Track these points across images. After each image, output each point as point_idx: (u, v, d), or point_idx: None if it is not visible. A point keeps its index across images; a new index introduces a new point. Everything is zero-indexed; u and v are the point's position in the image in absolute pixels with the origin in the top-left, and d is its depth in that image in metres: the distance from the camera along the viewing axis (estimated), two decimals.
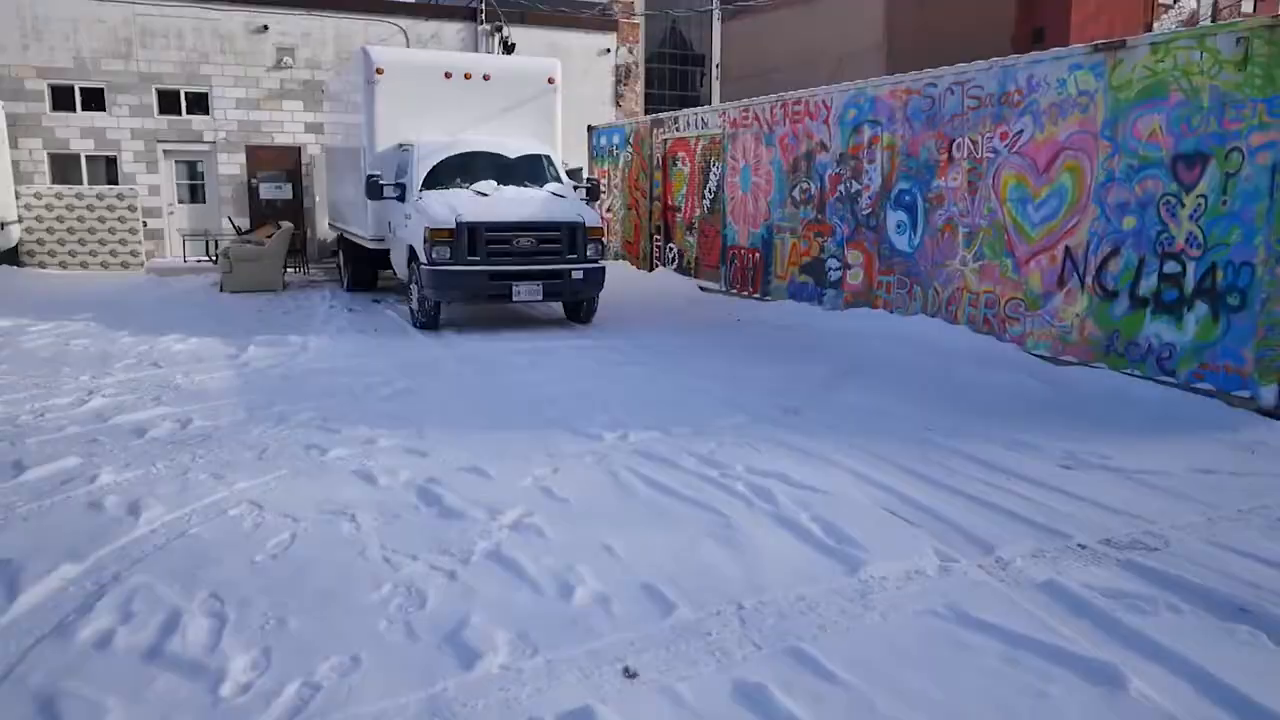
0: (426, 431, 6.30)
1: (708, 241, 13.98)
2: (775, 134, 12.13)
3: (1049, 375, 8.03)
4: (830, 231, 11.26)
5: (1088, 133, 7.98)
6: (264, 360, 8.83)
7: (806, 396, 7.55)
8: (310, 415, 6.68)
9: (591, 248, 10.73)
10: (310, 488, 5.09)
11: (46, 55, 17.91)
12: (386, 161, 12.07)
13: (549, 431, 6.35)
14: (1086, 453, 5.98)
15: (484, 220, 10.22)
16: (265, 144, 19.46)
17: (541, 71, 12.96)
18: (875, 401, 7.36)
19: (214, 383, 7.85)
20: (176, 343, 9.69)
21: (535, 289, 10.40)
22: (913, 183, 9.97)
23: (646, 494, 5.08)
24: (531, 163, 11.79)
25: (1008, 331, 8.89)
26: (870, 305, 10.64)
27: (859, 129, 10.71)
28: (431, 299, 10.42)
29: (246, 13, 19.04)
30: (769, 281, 12.46)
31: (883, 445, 6.11)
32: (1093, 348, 8.05)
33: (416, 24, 20.49)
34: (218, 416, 6.65)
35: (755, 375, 8.34)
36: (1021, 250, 8.69)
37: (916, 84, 9.85)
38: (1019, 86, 8.63)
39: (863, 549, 4.31)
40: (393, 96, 12.11)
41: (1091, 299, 8.03)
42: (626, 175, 16.28)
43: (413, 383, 7.90)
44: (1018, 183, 8.69)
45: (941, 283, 9.65)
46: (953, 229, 9.46)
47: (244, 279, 14.64)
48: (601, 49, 21.97)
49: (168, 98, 18.77)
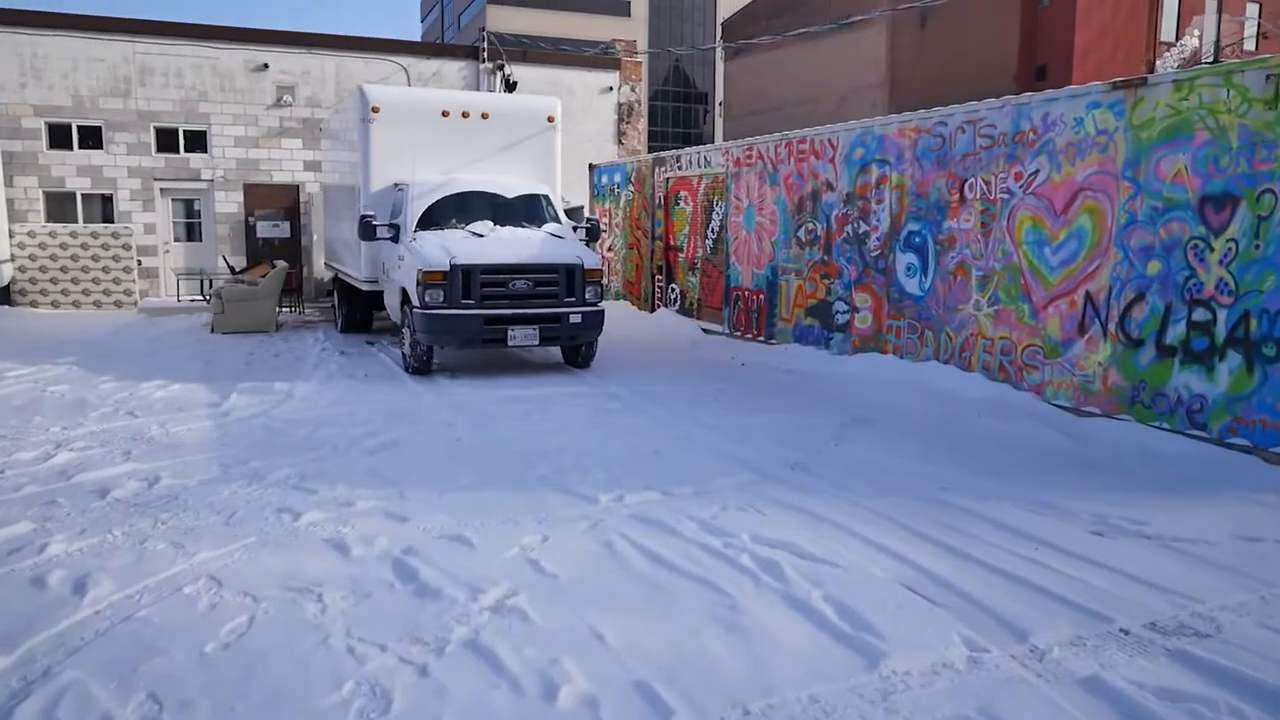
0: (409, 491, 5.88)
1: (710, 282, 13.62)
2: (780, 173, 11.82)
3: (1071, 427, 7.61)
4: (837, 273, 10.89)
5: (1108, 173, 7.62)
6: (246, 409, 8.44)
7: (814, 450, 7.14)
8: (287, 473, 6.28)
9: (590, 290, 10.37)
10: (277, 560, 4.67)
11: (44, 93, 17.76)
12: (381, 201, 11.76)
13: (540, 491, 5.94)
14: (1118, 517, 5.56)
15: (479, 262, 9.88)
16: (263, 182, 19.25)
17: (541, 110, 12.68)
18: (887, 456, 6.95)
19: (190, 434, 7.46)
20: (158, 389, 9.31)
21: (531, 333, 10.03)
22: (923, 224, 9.61)
23: (643, 568, 4.65)
24: (530, 202, 11.48)
25: (1025, 380, 8.47)
26: (879, 350, 10.24)
27: (866, 168, 10.39)
28: (424, 344, 10.04)
29: (247, 51, 18.92)
30: (774, 324, 12.07)
31: (897, 507, 5.69)
32: (1117, 398, 7.63)
33: (418, 62, 20.36)
34: (188, 474, 6.25)
35: (760, 425, 7.94)
36: (1039, 295, 8.30)
37: (926, 122, 9.53)
38: (1033, 125, 8.29)
39: (882, 637, 3.88)
40: (389, 135, 11.83)
41: (1115, 347, 7.63)
42: (628, 214, 15.97)
43: (399, 434, 7.50)
44: (1034, 225, 8.32)
45: (954, 328, 9.26)
46: (965, 272, 9.08)
47: (236, 320, 14.32)
48: (604, 87, 21.82)
49: (166, 136, 18.59)
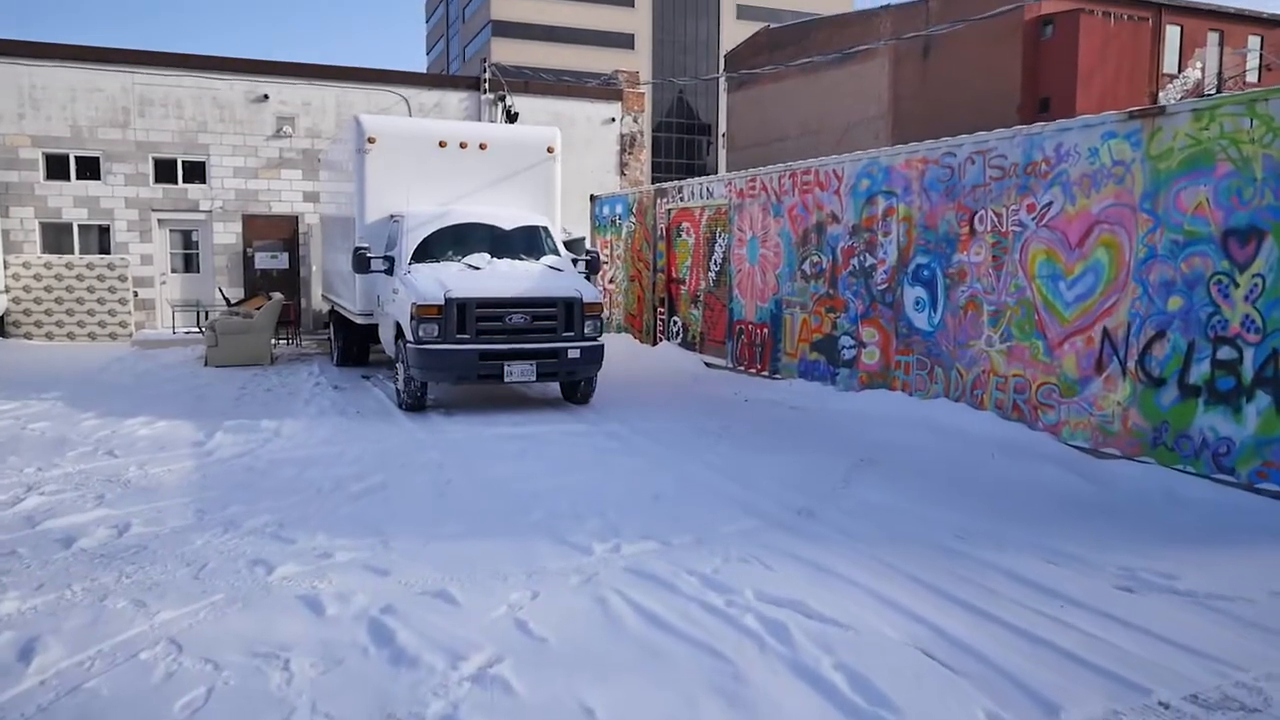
0: (393, 541, 5.56)
1: (713, 315, 13.34)
2: (783, 204, 11.57)
3: (1090, 470, 7.27)
4: (843, 307, 10.60)
5: (1125, 205, 7.35)
6: (231, 448, 8.13)
7: (821, 493, 6.81)
8: (266, 519, 5.96)
9: (589, 324, 10.09)
10: (244, 620, 4.34)
11: (43, 124, 17.65)
12: (376, 233, 11.53)
13: (532, 541, 5.61)
14: (1146, 569, 5.21)
15: (474, 296, 9.60)
16: (262, 213, 19.08)
17: (540, 140, 12.48)
18: (897, 500, 6.61)
19: (169, 476, 7.14)
20: (142, 426, 9.01)
21: (529, 369, 9.73)
22: (931, 257, 9.34)
23: (638, 630, 4.31)
24: (528, 234, 11.23)
25: (1040, 419, 8.15)
26: (888, 386, 9.92)
27: (872, 200, 10.13)
28: (418, 379, 9.74)
29: (247, 82, 18.83)
30: (778, 359, 11.77)
31: (909, 558, 5.35)
32: (1138, 440, 7.30)
33: (419, 93, 20.27)
34: (161, 520, 5.93)
35: (764, 466, 7.61)
36: (1054, 331, 8.00)
37: (934, 153, 9.29)
38: (1046, 156, 8.04)
39: (899, 712, 3.54)
40: (385, 166, 11.61)
41: (1135, 386, 7.31)
42: (629, 246, 15.73)
43: (388, 476, 7.18)
44: (1048, 258, 8.04)
45: (965, 364, 8.94)
46: (976, 307, 8.79)
47: (230, 353, 14.05)
48: (606, 118, 21.71)
49: (164, 166, 18.46)
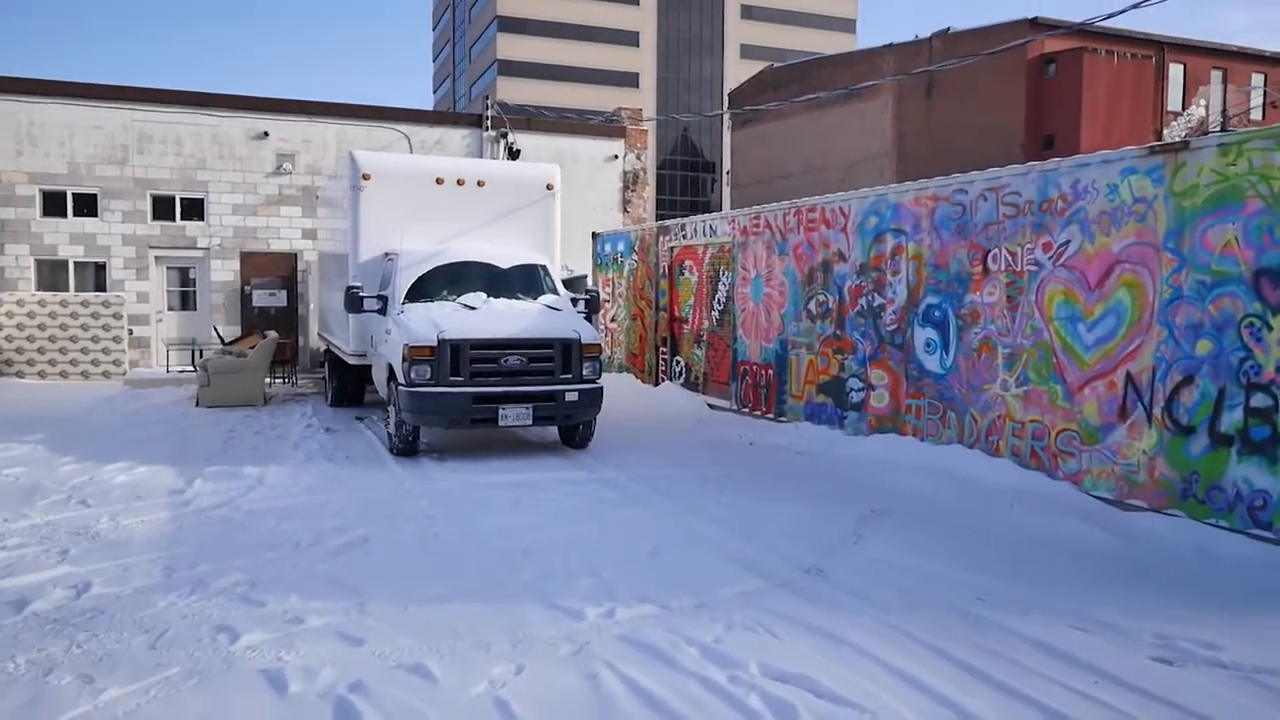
0: (371, 604, 5.16)
1: (717, 355, 12.99)
2: (788, 243, 11.27)
3: (1115, 523, 6.86)
4: (851, 348, 10.24)
5: (1147, 244, 7.01)
6: (210, 497, 7.76)
7: (830, 549, 6.41)
8: (237, 578, 5.57)
9: (588, 366, 9.74)
10: (199, 699, 3.94)
11: (40, 161, 17.51)
12: (371, 271, 11.24)
13: (520, 604, 5.21)
14: (1185, 638, 4.80)
15: (468, 337, 9.26)
16: (260, 250, 18.87)
17: (540, 177, 12.22)
18: (912, 557, 6.21)
19: (142, 529, 6.76)
20: (121, 473, 8.65)
21: (524, 413, 9.37)
22: (943, 297, 9.00)
23: (632, 711, 3.90)
24: (526, 273, 10.93)
25: (1060, 468, 7.74)
26: (898, 431, 9.53)
27: (881, 238, 9.82)
28: (409, 424, 9.38)
29: (248, 119, 18.71)
30: (784, 401, 11.40)
31: (927, 625, 4.94)
32: (1166, 492, 6.89)
33: (420, 130, 20.13)
34: (125, 580, 5.54)
35: (770, 517, 7.22)
36: (1073, 375, 7.62)
37: (944, 190, 8.98)
38: (1062, 193, 7.72)
39: None
40: (380, 203, 11.34)
41: (1161, 434, 6.91)
42: (631, 284, 15.43)
43: (372, 529, 6.79)
44: (1066, 299, 7.69)
45: (980, 409, 8.56)
46: (991, 349, 8.42)
47: (222, 393, 13.74)
48: (609, 155, 21.54)
49: (162, 203, 18.29)
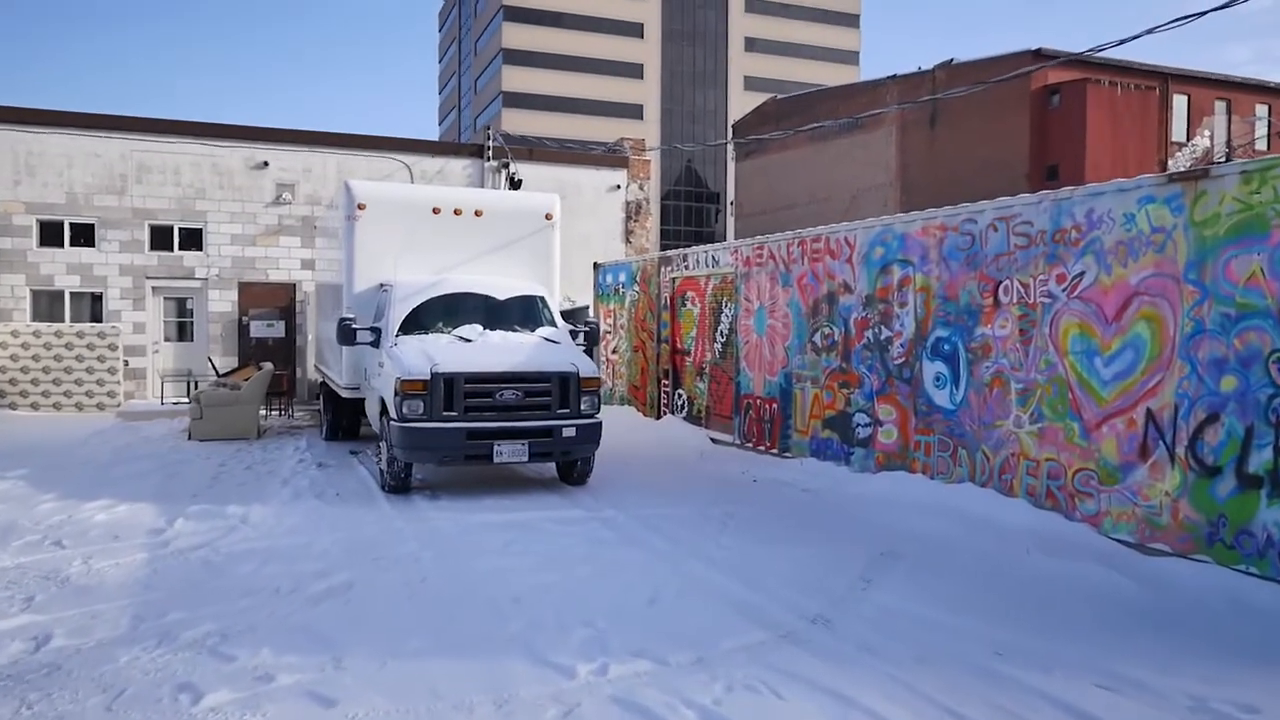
0: (347, 658, 4.84)
1: (719, 389, 12.69)
2: (792, 273, 11.00)
3: (1139, 569, 6.50)
4: (857, 382, 9.94)
5: (1167, 276, 6.72)
6: (190, 538, 7.45)
7: (838, 597, 6.08)
8: (208, 629, 5.25)
9: (586, 400, 9.44)
10: None
11: (38, 191, 17.38)
12: (365, 302, 10.99)
13: (507, 659, 4.88)
14: (1220, 699, 4.46)
15: (463, 371, 8.98)
16: (259, 280, 18.68)
17: (539, 207, 12.00)
18: (924, 606, 5.87)
19: (115, 572, 6.45)
20: (101, 511, 8.35)
21: (520, 449, 9.06)
22: (952, 330, 8.71)
23: None
24: (524, 305, 10.67)
25: (1078, 509, 7.40)
26: (907, 468, 9.20)
27: (887, 269, 9.55)
28: (401, 460, 9.07)
29: (247, 148, 18.60)
30: (788, 436, 11.07)
31: (943, 682, 4.61)
32: (1191, 535, 6.54)
33: (422, 160, 20.01)
34: (90, 630, 5.22)
35: (774, 560, 6.89)
36: (1090, 412, 7.30)
37: (953, 219, 8.73)
38: (1076, 223, 7.45)
39: None
40: (375, 233, 11.12)
41: (1185, 474, 6.58)
42: (633, 315, 15.17)
43: (356, 574, 6.47)
44: (1081, 332, 7.39)
45: (992, 446, 8.24)
46: (1003, 384, 8.12)
47: (215, 426, 13.45)
48: (611, 185, 21.40)
49: (160, 233, 18.14)
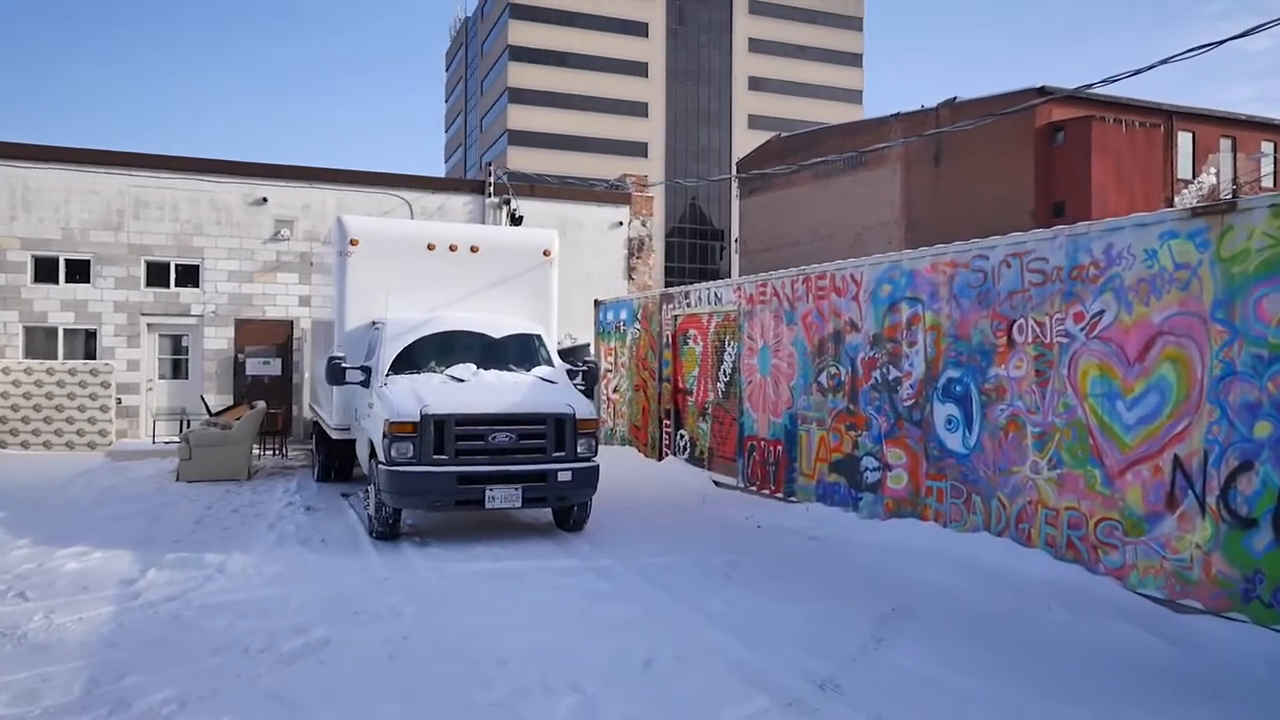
0: None
1: (723, 429, 12.31)
2: (797, 311, 10.68)
3: (1170, 628, 6.07)
4: (865, 424, 9.56)
5: (1193, 314, 6.37)
6: (162, 589, 7.05)
7: (848, 657, 5.65)
8: (166, 695, 4.85)
9: (583, 443, 9.06)
10: None
11: (34, 226, 17.19)
12: (357, 340, 10.67)
13: None
14: None
15: (453, 412, 8.62)
16: (256, 317, 18.41)
17: (537, 243, 11.71)
18: (940, 669, 5.44)
19: (76, 628, 6.06)
20: (74, 558, 7.96)
21: (513, 494, 8.67)
22: (964, 370, 8.35)
23: None
24: (520, 343, 10.34)
25: (1101, 561, 6.98)
26: (918, 515, 8.79)
27: (895, 307, 9.22)
28: (389, 505, 8.68)
29: (246, 184, 18.44)
30: (794, 479, 10.67)
31: None
32: (1225, 592, 6.12)
33: (422, 196, 19.82)
34: (37, 697, 4.82)
35: (779, 617, 6.47)
36: (1113, 458, 6.91)
37: (963, 256, 8.40)
38: (1094, 259, 7.11)
39: None
40: (368, 269, 10.83)
41: (1217, 526, 6.18)
42: (634, 353, 14.84)
43: (333, 630, 6.06)
44: (1101, 374, 7.02)
45: (1008, 493, 7.83)
46: (1019, 428, 7.73)
47: (204, 467, 13.08)
48: (614, 222, 21.18)
49: (157, 269, 17.91)
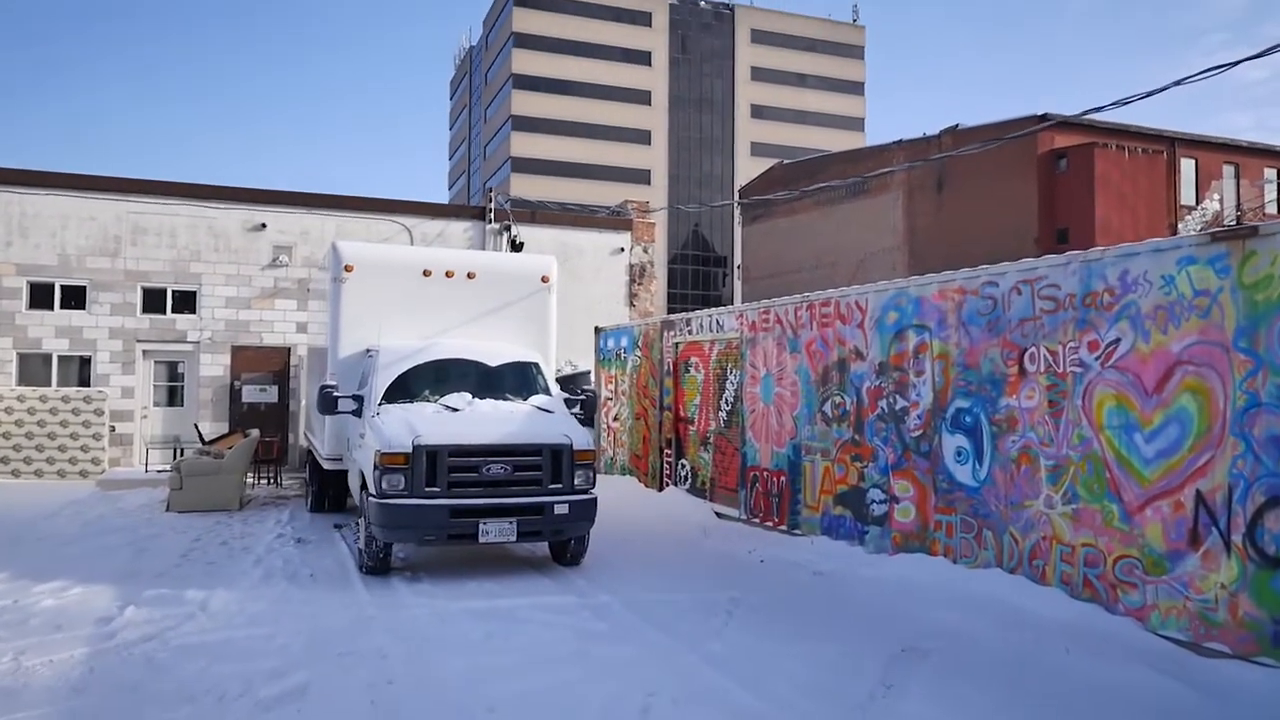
0: None
1: (725, 459, 12.02)
2: (800, 339, 10.43)
3: (1194, 673, 5.76)
4: (871, 455, 9.28)
5: (1214, 344, 6.11)
6: (139, 628, 6.76)
7: (856, 704, 5.35)
8: None
9: (580, 475, 8.78)
10: None
11: (30, 252, 17.05)
12: (350, 368, 10.44)
13: None
14: None
15: (447, 443, 8.35)
16: (252, 344, 18.21)
17: (535, 270, 11.50)
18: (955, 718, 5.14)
19: (45, 671, 5.77)
20: (51, 595, 7.69)
21: (508, 528, 8.39)
22: (974, 400, 8.08)
23: None
24: (517, 372, 10.09)
25: (1120, 600, 6.67)
26: (926, 550, 8.49)
27: (902, 334, 8.97)
28: (380, 539, 8.40)
29: (245, 210, 18.31)
30: (798, 512, 10.37)
31: None
32: (1253, 635, 5.81)
33: (422, 222, 19.69)
34: None
35: (783, 659, 6.16)
36: (1131, 493, 6.62)
37: (972, 282, 8.16)
38: (1108, 286, 6.87)
39: None
40: (363, 296, 10.61)
41: (1244, 565, 5.88)
42: (635, 381, 14.58)
43: (314, 674, 5.77)
44: (1118, 405, 6.75)
45: (1021, 529, 7.54)
46: (1031, 460, 7.45)
47: (195, 497, 12.80)
48: (615, 248, 21.02)
49: (153, 296, 17.74)
